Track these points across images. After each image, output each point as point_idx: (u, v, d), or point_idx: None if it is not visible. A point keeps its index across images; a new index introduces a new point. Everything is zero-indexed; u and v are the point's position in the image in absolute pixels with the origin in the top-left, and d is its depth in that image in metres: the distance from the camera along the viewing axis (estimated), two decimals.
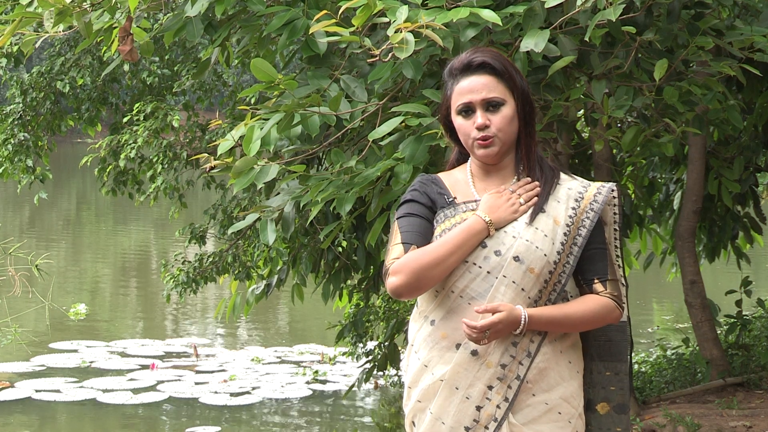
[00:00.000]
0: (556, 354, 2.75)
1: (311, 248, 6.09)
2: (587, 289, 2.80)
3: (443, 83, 2.86)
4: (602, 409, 2.86)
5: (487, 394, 2.71)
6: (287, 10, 3.93)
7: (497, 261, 2.71)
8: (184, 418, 9.55)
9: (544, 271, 2.72)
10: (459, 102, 2.79)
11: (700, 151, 7.15)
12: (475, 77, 2.78)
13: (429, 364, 2.76)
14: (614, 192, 2.83)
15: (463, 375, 2.72)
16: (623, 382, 2.86)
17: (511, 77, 2.79)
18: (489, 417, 2.70)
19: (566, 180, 2.83)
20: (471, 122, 2.77)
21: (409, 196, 2.84)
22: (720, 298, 8.31)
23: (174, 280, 9.04)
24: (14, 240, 9.58)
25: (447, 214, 2.79)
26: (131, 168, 10.60)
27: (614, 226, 2.86)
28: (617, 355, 2.87)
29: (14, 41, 8.74)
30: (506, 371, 2.71)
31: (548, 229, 2.74)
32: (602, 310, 2.76)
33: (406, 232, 2.78)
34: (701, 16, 4.12)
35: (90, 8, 4.23)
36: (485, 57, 2.79)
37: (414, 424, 2.81)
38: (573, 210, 2.77)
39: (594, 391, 2.87)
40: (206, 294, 14.92)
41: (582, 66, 4.03)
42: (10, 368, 10.85)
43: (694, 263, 7.33)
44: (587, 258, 2.78)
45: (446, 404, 2.73)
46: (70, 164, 33.79)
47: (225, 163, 3.85)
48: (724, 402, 6.75)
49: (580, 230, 2.76)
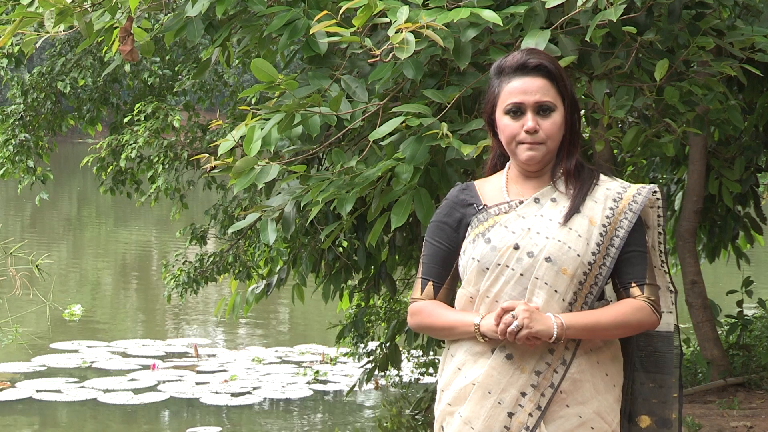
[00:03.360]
0: (592, 365, 2.68)
1: (312, 248, 6.08)
2: (624, 293, 2.71)
3: (489, 80, 2.78)
4: (643, 423, 2.78)
5: (519, 401, 2.64)
6: (288, 10, 3.93)
7: (530, 262, 2.66)
8: (184, 419, 9.55)
9: (578, 272, 2.65)
10: (509, 101, 2.70)
11: (700, 152, 7.15)
12: (529, 78, 2.70)
13: (463, 368, 2.71)
14: (657, 193, 2.76)
15: (496, 379, 2.65)
16: (667, 396, 2.76)
17: (564, 83, 2.73)
18: (520, 425, 2.64)
19: (605, 181, 2.76)
20: (519, 124, 2.70)
21: (437, 217, 2.82)
22: (721, 299, 8.31)
23: (175, 280, 9.05)
24: (15, 240, 9.58)
25: (480, 219, 2.74)
26: (131, 168, 10.60)
27: (658, 229, 2.78)
28: (662, 366, 2.77)
29: (15, 41, 8.74)
30: (540, 378, 2.64)
31: (583, 230, 2.68)
32: (636, 314, 2.67)
33: (426, 264, 2.80)
34: (702, 17, 4.12)
35: (91, 8, 4.23)
36: (542, 59, 2.72)
37: (443, 429, 2.74)
38: (611, 210, 2.70)
39: (636, 403, 2.78)
40: (207, 294, 14.91)
41: (583, 66, 4.03)
42: (11, 368, 10.85)
43: (695, 263, 7.33)
44: (625, 261, 2.70)
45: (477, 408, 2.67)
46: (71, 164, 33.79)
47: (225, 164, 3.85)
48: (724, 402, 6.75)
49: (618, 231, 2.69)
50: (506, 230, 2.70)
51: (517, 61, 2.72)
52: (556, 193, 2.74)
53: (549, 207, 2.72)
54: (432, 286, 2.78)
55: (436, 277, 2.78)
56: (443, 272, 2.78)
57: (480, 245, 2.71)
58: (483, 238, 2.71)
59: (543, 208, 2.72)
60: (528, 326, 2.57)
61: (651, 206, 2.77)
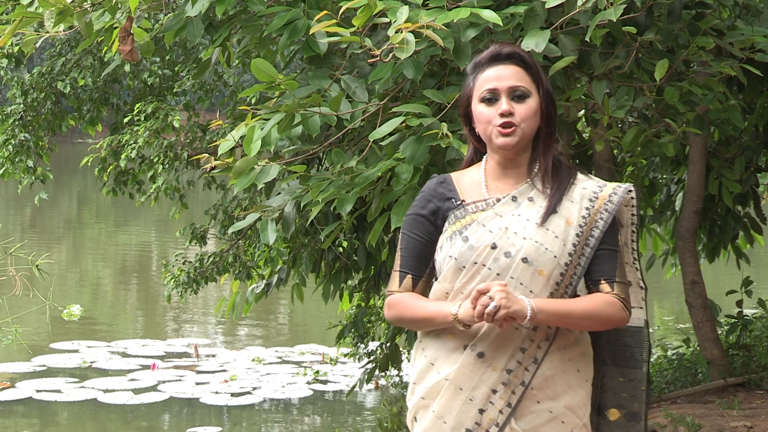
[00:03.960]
0: (564, 362, 2.71)
1: (312, 248, 6.09)
2: (594, 289, 2.74)
3: (466, 77, 2.82)
4: (613, 416, 2.81)
5: (490, 398, 2.68)
6: (288, 10, 3.93)
7: (506, 263, 2.68)
8: (184, 419, 9.55)
9: (554, 273, 2.68)
10: (484, 88, 2.74)
11: (700, 152, 7.15)
12: (503, 66, 2.75)
13: (435, 363, 2.74)
14: (632, 192, 2.79)
15: (468, 376, 2.69)
16: (637, 390, 2.80)
17: (538, 72, 2.77)
18: (491, 421, 2.68)
19: (582, 180, 2.78)
20: (494, 109, 2.73)
21: (413, 210, 2.83)
22: (721, 299, 8.31)
23: (175, 280, 9.04)
24: (15, 240, 9.57)
25: (457, 215, 2.76)
26: (131, 168, 10.60)
27: (632, 227, 2.81)
28: (632, 361, 2.81)
29: (15, 41, 8.74)
30: (511, 376, 2.67)
31: (560, 230, 2.70)
32: (608, 308, 2.70)
33: (404, 257, 2.82)
34: (702, 17, 4.12)
35: (90, 8, 4.22)
36: (514, 48, 2.77)
37: (416, 420, 2.79)
38: (587, 210, 2.73)
39: (605, 397, 2.82)
40: (207, 294, 14.91)
41: (583, 66, 4.03)
42: (11, 368, 10.85)
43: (695, 263, 7.33)
44: (596, 259, 2.73)
45: (449, 404, 2.71)
46: (71, 164, 33.78)
47: (225, 164, 3.85)
48: (724, 402, 6.75)
49: (593, 231, 2.72)
50: (484, 229, 2.72)
51: (490, 53, 2.78)
52: (534, 191, 2.76)
53: (526, 206, 2.74)
54: (411, 279, 2.81)
55: (415, 270, 2.80)
56: (422, 265, 2.80)
57: (457, 243, 2.72)
58: (460, 236, 2.73)
59: (520, 207, 2.74)
60: (505, 306, 2.58)
61: (626, 205, 2.80)
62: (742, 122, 4.98)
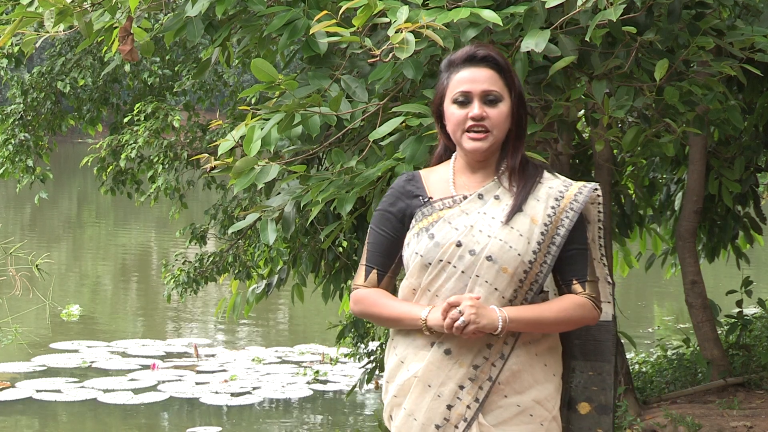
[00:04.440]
0: (531, 357, 2.74)
1: (312, 248, 6.09)
2: (566, 289, 2.78)
3: (439, 74, 2.85)
4: (583, 409, 2.86)
5: (458, 394, 2.71)
6: (288, 10, 3.93)
7: (471, 260, 2.71)
8: (184, 419, 9.55)
9: (518, 271, 2.71)
10: (457, 90, 2.77)
11: (700, 152, 7.15)
12: (477, 69, 2.77)
13: (405, 360, 2.78)
14: (597, 191, 2.82)
15: (435, 373, 2.72)
16: (606, 383, 2.85)
17: (511, 76, 2.79)
18: (459, 416, 2.71)
19: (548, 179, 2.81)
20: (466, 112, 2.75)
21: (382, 206, 2.87)
22: (721, 299, 8.31)
23: (174, 280, 9.04)
24: (15, 240, 9.57)
25: (424, 212, 2.79)
26: (131, 168, 10.60)
27: (599, 224, 2.85)
28: (601, 355, 2.86)
29: (15, 41, 8.74)
30: (478, 372, 2.71)
31: (524, 229, 2.73)
32: (579, 311, 2.75)
33: (370, 252, 2.85)
34: (702, 16, 4.12)
35: (90, 8, 4.22)
36: (489, 51, 2.78)
37: (391, 418, 2.82)
38: (552, 209, 2.76)
39: (576, 391, 2.86)
40: (207, 294, 14.92)
41: (582, 66, 4.03)
42: (10, 368, 10.85)
43: (695, 263, 7.34)
44: (567, 259, 2.77)
45: (419, 401, 2.74)
46: (71, 164, 33.79)
47: (225, 164, 3.85)
48: (724, 402, 6.75)
49: (559, 229, 2.75)
50: (449, 227, 2.75)
51: (465, 53, 2.79)
52: (500, 189, 2.79)
53: (492, 204, 2.77)
54: (376, 274, 2.84)
55: (380, 266, 2.84)
56: (387, 261, 2.84)
57: (424, 240, 2.75)
58: (427, 234, 2.76)
59: (486, 205, 2.77)
60: (474, 321, 2.63)
61: (592, 203, 2.83)
62: (742, 122, 4.98)
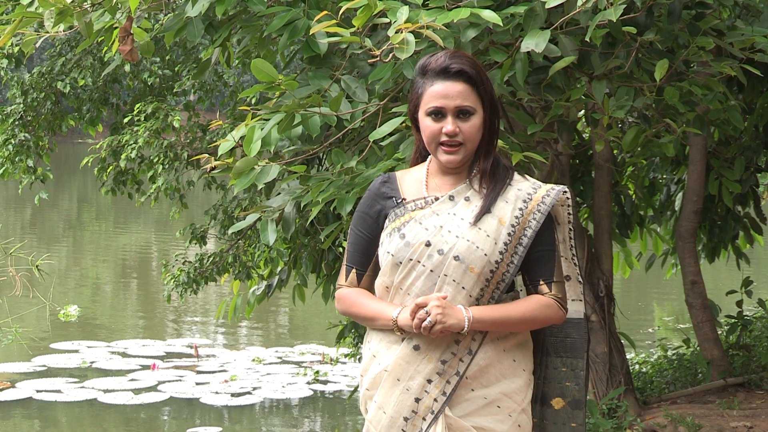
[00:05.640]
0: (499, 353, 2.82)
1: (312, 248, 6.09)
2: (532, 289, 2.87)
3: (414, 77, 2.90)
4: (557, 404, 2.93)
5: (425, 388, 2.80)
6: (288, 10, 3.93)
7: (439, 260, 2.80)
8: (185, 419, 9.55)
9: (484, 270, 2.79)
10: (431, 104, 2.83)
11: (700, 152, 7.15)
12: (451, 83, 2.82)
13: (377, 355, 2.86)
14: (566, 193, 2.90)
15: (404, 368, 2.81)
16: (579, 378, 2.92)
17: (485, 87, 2.85)
18: (427, 409, 2.79)
19: (518, 181, 2.89)
20: (440, 126, 2.83)
21: (360, 207, 2.96)
22: (721, 299, 8.31)
23: (174, 280, 9.04)
24: (15, 240, 9.58)
25: (397, 213, 2.88)
26: (131, 168, 10.60)
27: (569, 225, 2.93)
28: (574, 351, 2.93)
29: (15, 41, 8.74)
30: (446, 367, 2.79)
31: (492, 230, 2.80)
32: (544, 311, 2.83)
33: (350, 252, 2.96)
34: (702, 17, 4.12)
35: (90, 8, 4.23)
36: (463, 65, 2.83)
37: (367, 411, 2.91)
38: (520, 211, 2.83)
39: (549, 386, 2.94)
40: (207, 294, 14.92)
41: (583, 66, 4.03)
42: (11, 368, 10.85)
43: (695, 264, 7.33)
44: (534, 260, 2.85)
45: (388, 394, 2.83)
46: (71, 164, 33.80)
47: (225, 164, 3.85)
48: (724, 402, 6.75)
49: (526, 231, 2.82)
50: (420, 227, 2.83)
51: (440, 64, 2.84)
52: (471, 191, 2.87)
53: (462, 205, 2.85)
54: (355, 274, 2.95)
55: (359, 265, 2.94)
56: (365, 260, 2.93)
57: (395, 240, 2.84)
58: (398, 233, 2.84)
59: (456, 207, 2.85)
60: (441, 321, 2.73)
61: (561, 204, 2.91)
62: (742, 122, 4.98)
